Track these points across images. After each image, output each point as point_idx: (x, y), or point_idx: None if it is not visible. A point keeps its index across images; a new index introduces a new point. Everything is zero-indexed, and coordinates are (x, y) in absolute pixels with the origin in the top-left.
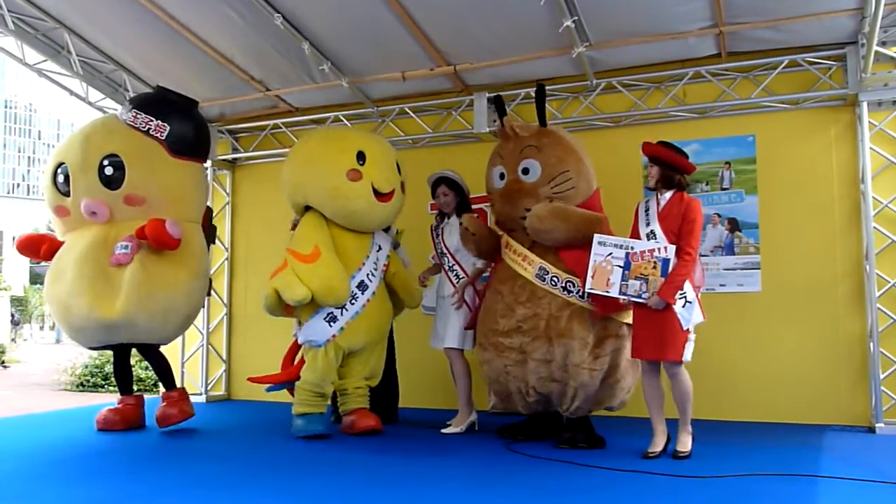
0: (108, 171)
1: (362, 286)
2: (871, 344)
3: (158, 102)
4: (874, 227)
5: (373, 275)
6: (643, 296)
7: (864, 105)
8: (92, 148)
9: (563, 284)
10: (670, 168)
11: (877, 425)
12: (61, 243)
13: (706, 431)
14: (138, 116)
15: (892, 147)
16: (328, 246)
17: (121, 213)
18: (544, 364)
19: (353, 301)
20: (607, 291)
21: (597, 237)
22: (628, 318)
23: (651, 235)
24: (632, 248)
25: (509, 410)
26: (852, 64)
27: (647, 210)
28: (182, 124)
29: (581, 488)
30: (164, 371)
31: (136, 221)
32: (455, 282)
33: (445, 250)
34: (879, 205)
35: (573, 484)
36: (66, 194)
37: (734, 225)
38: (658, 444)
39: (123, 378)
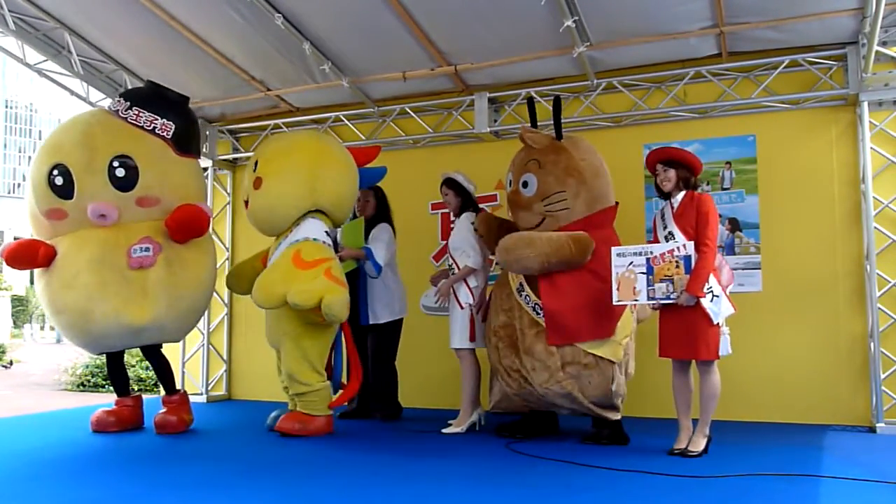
0: (120, 172)
1: None
2: (872, 344)
3: (157, 99)
4: (875, 227)
5: None
6: (672, 296)
7: (865, 105)
8: (98, 148)
9: (533, 306)
10: (688, 169)
11: (877, 425)
12: (53, 248)
13: None
14: (142, 115)
15: (893, 147)
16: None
17: (130, 214)
18: (514, 371)
19: None
20: (636, 300)
21: (614, 249)
22: (594, 349)
23: (669, 237)
24: (651, 252)
25: (511, 408)
26: (853, 64)
27: (663, 216)
28: (183, 121)
29: (581, 488)
30: (164, 372)
31: (146, 222)
32: None
33: (447, 248)
34: (880, 205)
35: (573, 484)
36: (65, 196)
37: (735, 225)
38: (682, 441)
39: (118, 380)
